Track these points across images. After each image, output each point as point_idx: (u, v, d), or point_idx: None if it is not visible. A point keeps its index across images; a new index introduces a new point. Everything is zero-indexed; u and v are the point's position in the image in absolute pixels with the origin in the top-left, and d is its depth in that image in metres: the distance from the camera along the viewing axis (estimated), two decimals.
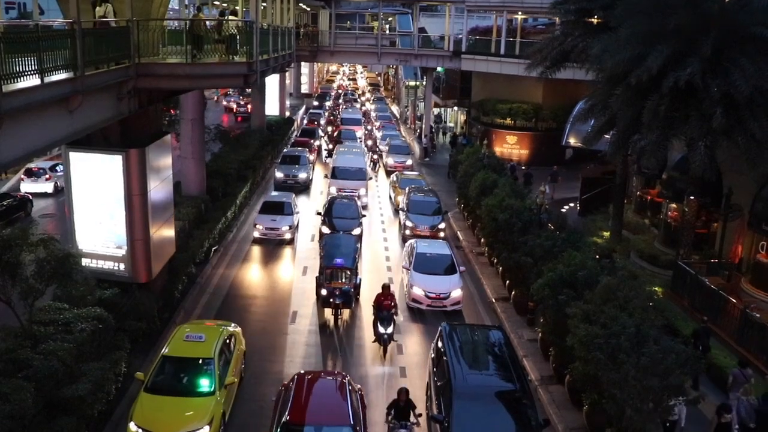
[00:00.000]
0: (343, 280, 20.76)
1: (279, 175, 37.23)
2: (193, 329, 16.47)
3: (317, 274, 21.75)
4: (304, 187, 37.17)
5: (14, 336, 14.64)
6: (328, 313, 21.06)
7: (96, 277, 17.80)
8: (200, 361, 15.17)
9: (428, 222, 28.57)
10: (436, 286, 21.71)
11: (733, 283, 22.09)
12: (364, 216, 28.77)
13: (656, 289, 20.06)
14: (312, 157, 41.71)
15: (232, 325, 17.69)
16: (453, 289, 21.74)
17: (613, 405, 13.19)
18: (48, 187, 33.55)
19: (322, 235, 26.65)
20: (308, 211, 32.32)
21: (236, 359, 16.42)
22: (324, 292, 20.57)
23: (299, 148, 41.50)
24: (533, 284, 18.16)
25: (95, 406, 14.21)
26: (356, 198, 30.57)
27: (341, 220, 27.23)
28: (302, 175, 37.26)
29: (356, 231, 26.57)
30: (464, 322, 20.79)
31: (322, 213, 28.22)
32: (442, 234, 28.51)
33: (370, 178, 37.17)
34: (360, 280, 22.20)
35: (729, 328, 19.05)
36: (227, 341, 16.18)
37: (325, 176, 36.13)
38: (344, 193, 32.32)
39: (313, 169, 40.91)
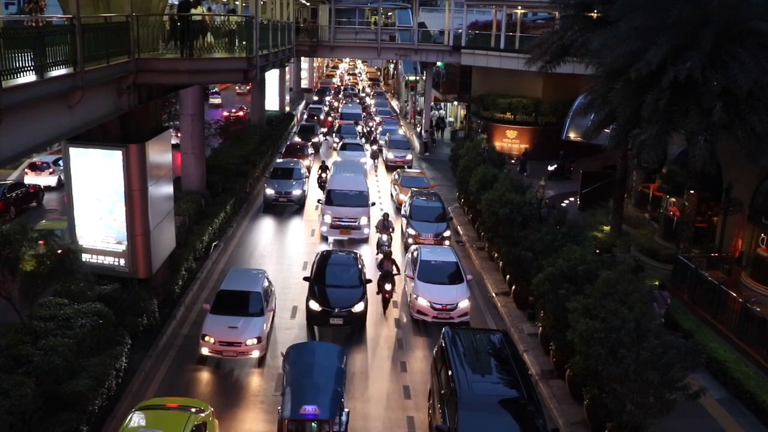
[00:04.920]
0: None
1: (269, 191, 31.79)
2: (149, 420, 11.90)
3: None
4: (299, 205, 32.48)
5: (14, 332, 14.72)
6: None
7: (96, 272, 17.84)
8: None
9: (432, 230, 26.72)
10: (442, 296, 20.29)
11: (734, 277, 22.10)
12: (369, 281, 21.02)
13: (656, 283, 20.08)
14: (308, 163, 38.14)
15: (202, 406, 13.41)
16: (460, 299, 20.33)
17: (614, 399, 13.22)
18: (52, 180, 33.63)
19: (310, 313, 19.75)
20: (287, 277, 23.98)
21: None
22: None
23: (293, 160, 36.01)
24: (533, 279, 18.15)
25: (96, 401, 14.25)
26: (357, 253, 22.89)
27: (336, 291, 20.01)
28: (296, 192, 32.00)
29: (358, 307, 19.63)
30: (468, 326, 19.85)
31: (311, 277, 20.77)
32: (447, 242, 26.56)
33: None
34: (347, 414, 14.10)
35: (729, 322, 19.06)
36: None
37: (318, 201, 29.66)
38: (339, 236, 27.61)
39: (310, 171, 37.05)
